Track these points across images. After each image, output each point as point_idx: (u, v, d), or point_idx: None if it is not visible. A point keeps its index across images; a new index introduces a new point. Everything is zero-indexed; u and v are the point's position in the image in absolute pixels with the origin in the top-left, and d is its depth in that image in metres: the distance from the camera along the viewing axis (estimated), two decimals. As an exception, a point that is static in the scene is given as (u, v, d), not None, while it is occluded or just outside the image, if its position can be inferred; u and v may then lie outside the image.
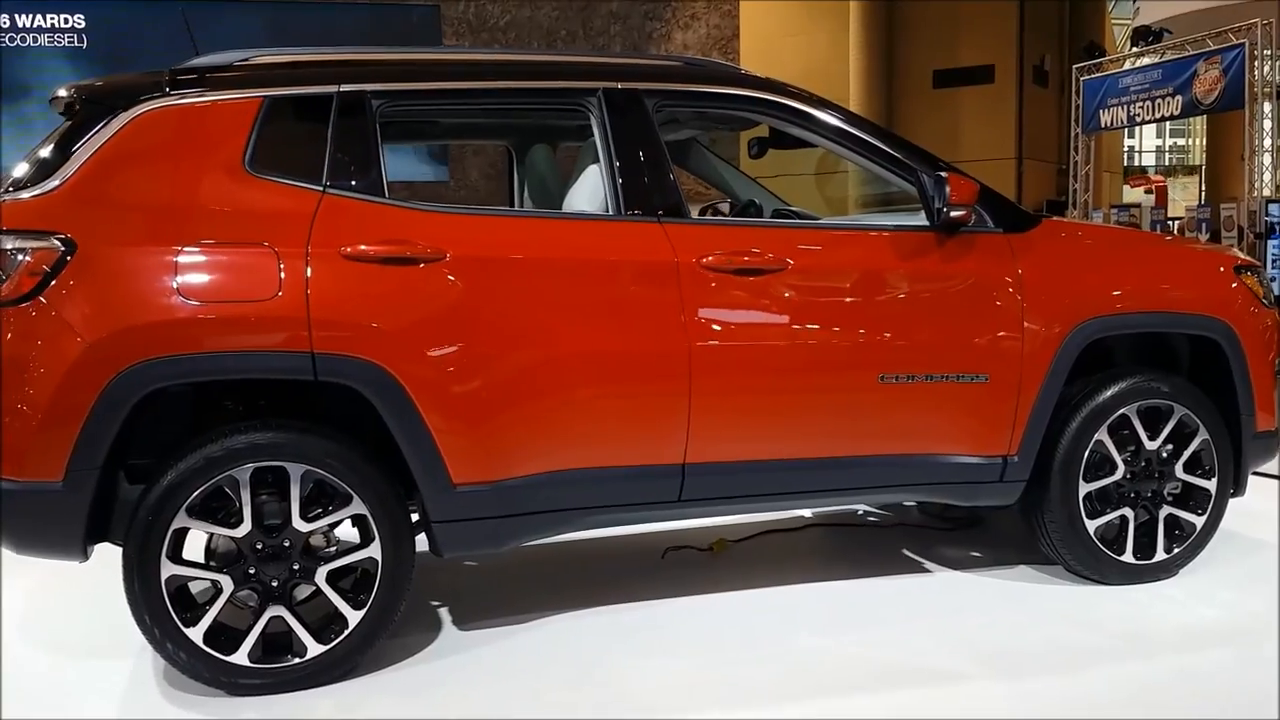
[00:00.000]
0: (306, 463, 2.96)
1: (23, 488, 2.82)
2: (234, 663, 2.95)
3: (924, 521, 4.67)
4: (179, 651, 2.92)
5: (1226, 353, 3.84)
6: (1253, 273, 4.05)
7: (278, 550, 2.98)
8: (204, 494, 2.90)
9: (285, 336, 2.91)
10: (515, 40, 14.25)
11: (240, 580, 2.96)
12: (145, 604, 2.88)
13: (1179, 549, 3.85)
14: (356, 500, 3.03)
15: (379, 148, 3.20)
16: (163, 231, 2.92)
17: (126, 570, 2.89)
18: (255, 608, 2.99)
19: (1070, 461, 3.69)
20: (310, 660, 3.02)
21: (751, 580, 3.96)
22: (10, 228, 2.85)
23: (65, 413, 2.79)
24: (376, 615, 3.09)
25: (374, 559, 3.07)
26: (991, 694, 3.05)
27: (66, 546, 2.92)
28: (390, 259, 3.06)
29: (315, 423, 3.08)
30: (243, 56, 3.29)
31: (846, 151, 3.68)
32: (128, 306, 2.83)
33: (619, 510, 3.39)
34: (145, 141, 3.01)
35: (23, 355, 2.80)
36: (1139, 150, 34.45)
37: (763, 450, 3.45)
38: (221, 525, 2.95)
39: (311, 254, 2.97)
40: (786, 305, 3.41)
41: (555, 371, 3.18)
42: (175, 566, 2.91)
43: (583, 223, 3.42)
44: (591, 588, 3.90)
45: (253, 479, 2.93)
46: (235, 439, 2.91)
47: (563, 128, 4.40)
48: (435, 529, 3.15)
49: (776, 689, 3.09)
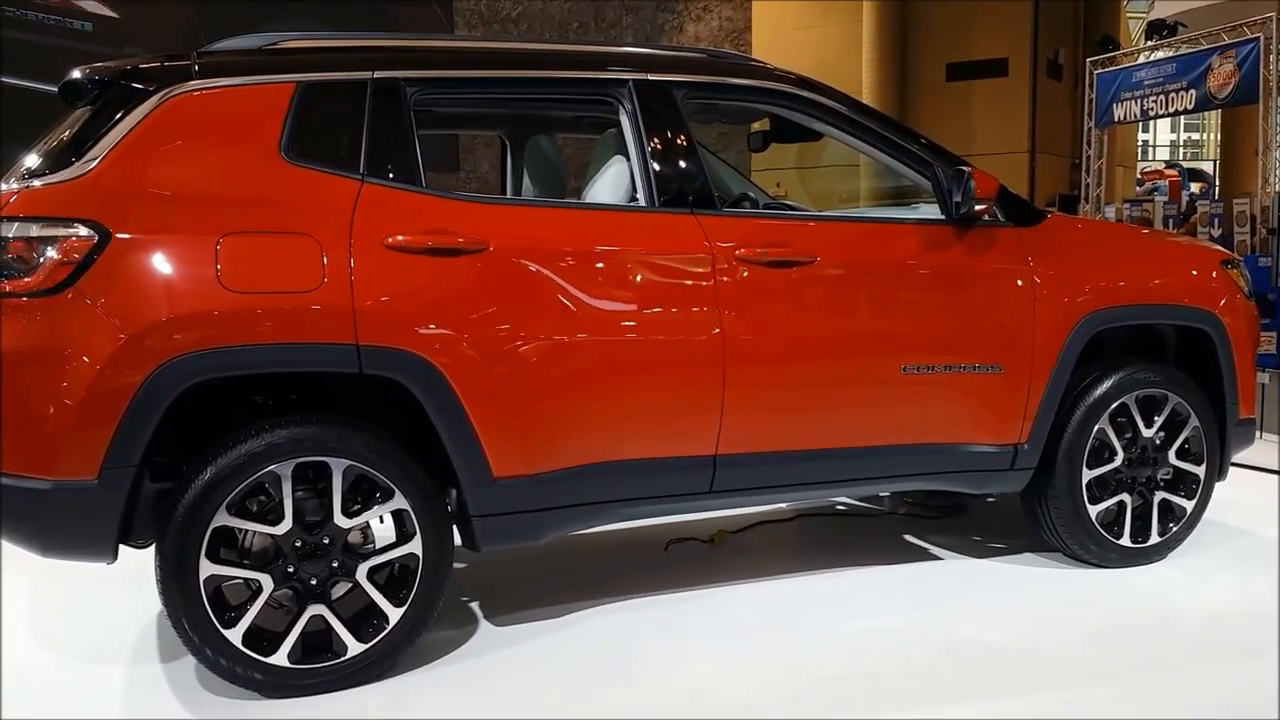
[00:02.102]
0: (350, 458, 2.89)
1: (55, 486, 2.69)
2: (274, 664, 2.88)
3: (911, 510, 4.78)
4: (218, 656, 2.83)
5: (1215, 343, 4.01)
6: (1234, 266, 4.21)
7: (318, 547, 2.91)
8: (244, 491, 2.81)
9: (330, 329, 2.83)
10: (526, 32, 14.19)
11: (280, 579, 2.88)
12: (184, 606, 2.79)
13: (1171, 532, 4.01)
14: (398, 495, 2.96)
15: (415, 136, 3.15)
16: (200, 219, 2.82)
17: (164, 571, 2.78)
18: (292, 607, 2.92)
19: (1075, 449, 3.81)
20: (351, 659, 2.96)
21: (766, 570, 4.00)
22: (38, 214, 2.73)
23: (101, 408, 2.68)
24: (417, 611, 3.03)
25: (415, 554, 3.01)
26: (1056, 669, 3.14)
27: (98, 547, 2.81)
28: (434, 250, 3.00)
29: (341, 417, 3.01)
30: (269, 41, 3.23)
31: (867, 147, 3.73)
32: (168, 297, 2.72)
33: (651, 502, 3.38)
34: (177, 126, 2.90)
35: (54, 348, 2.68)
36: (1153, 144, 34.33)
37: (790, 440, 3.48)
38: (261, 522, 2.87)
39: (354, 244, 2.90)
40: (816, 297, 3.45)
41: (594, 363, 3.17)
42: (214, 566, 2.81)
43: (619, 214, 3.40)
44: (606, 581, 3.90)
45: (293, 475, 2.86)
46: (277, 433, 2.82)
47: (564, 118, 4.40)
48: (475, 523, 3.10)
49: (847, 670, 3.13)
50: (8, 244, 2.71)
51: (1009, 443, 3.73)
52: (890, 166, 3.76)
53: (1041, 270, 3.71)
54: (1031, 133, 18.94)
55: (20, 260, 2.70)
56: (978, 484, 3.80)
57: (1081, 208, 14.78)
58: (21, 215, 2.73)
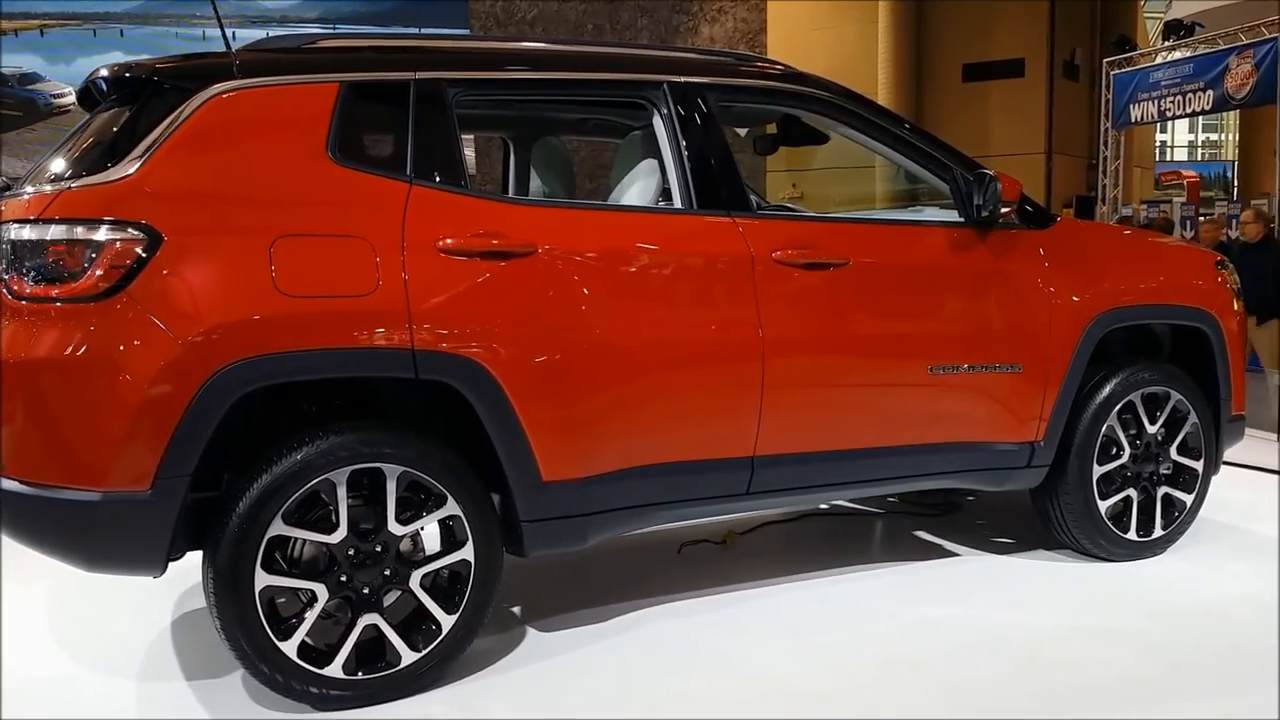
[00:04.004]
0: (405, 464, 2.85)
1: (105, 498, 2.61)
2: (329, 675, 2.82)
3: (908, 509, 4.84)
4: (275, 671, 2.77)
5: (1212, 342, 4.13)
6: (1225, 269, 4.34)
7: (370, 555, 2.86)
8: (299, 499, 2.75)
9: (387, 334, 2.78)
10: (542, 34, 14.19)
11: (335, 589, 2.82)
12: (239, 619, 2.72)
13: (1173, 526, 4.12)
14: (450, 501, 2.92)
15: (459, 137, 3.12)
16: (251, 221, 2.76)
17: (218, 583, 2.71)
18: (340, 617, 2.86)
19: (1086, 446, 3.89)
20: (405, 668, 2.91)
21: (788, 568, 4.01)
22: (83, 216, 2.64)
23: (155, 416, 2.60)
24: (469, 618, 2.99)
25: (467, 560, 2.97)
26: (1118, 650, 3.29)
27: (148, 560, 2.73)
28: (485, 253, 2.97)
29: (391, 423, 2.97)
30: (306, 39, 3.20)
31: (889, 151, 3.80)
32: (224, 301, 2.66)
33: (690, 505, 3.38)
34: (221, 126, 2.83)
35: (104, 354, 2.59)
36: (1171, 145, 34.22)
37: (824, 441, 3.51)
38: (316, 530, 2.81)
39: (407, 247, 2.86)
40: (848, 299, 3.48)
41: (639, 365, 3.16)
42: (270, 577, 2.75)
43: (661, 216, 3.41)
44: (632, 583, 3.90)
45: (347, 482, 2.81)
46: (333, 440, 2.77)
47: (573, 120, 4.40)
48: (525, 528, 3.06)
49: (921, 655, 3.21)
50: (47, 247, 2.63)
51: (1027, 440, 3.80)
52: (910, 170, 3.83)
53: (1056, 272, 3.80)
54: (1048, 133, 18.90)
55: (64, 264, 2.62)
56: (998, 481, 3.85)
57: (1099, 209, 14.73)
58: (65, 217, 2.64)
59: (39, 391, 2.63)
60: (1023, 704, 2.91)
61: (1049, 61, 18.80)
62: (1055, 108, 18.99)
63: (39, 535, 2.73)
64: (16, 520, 2.72)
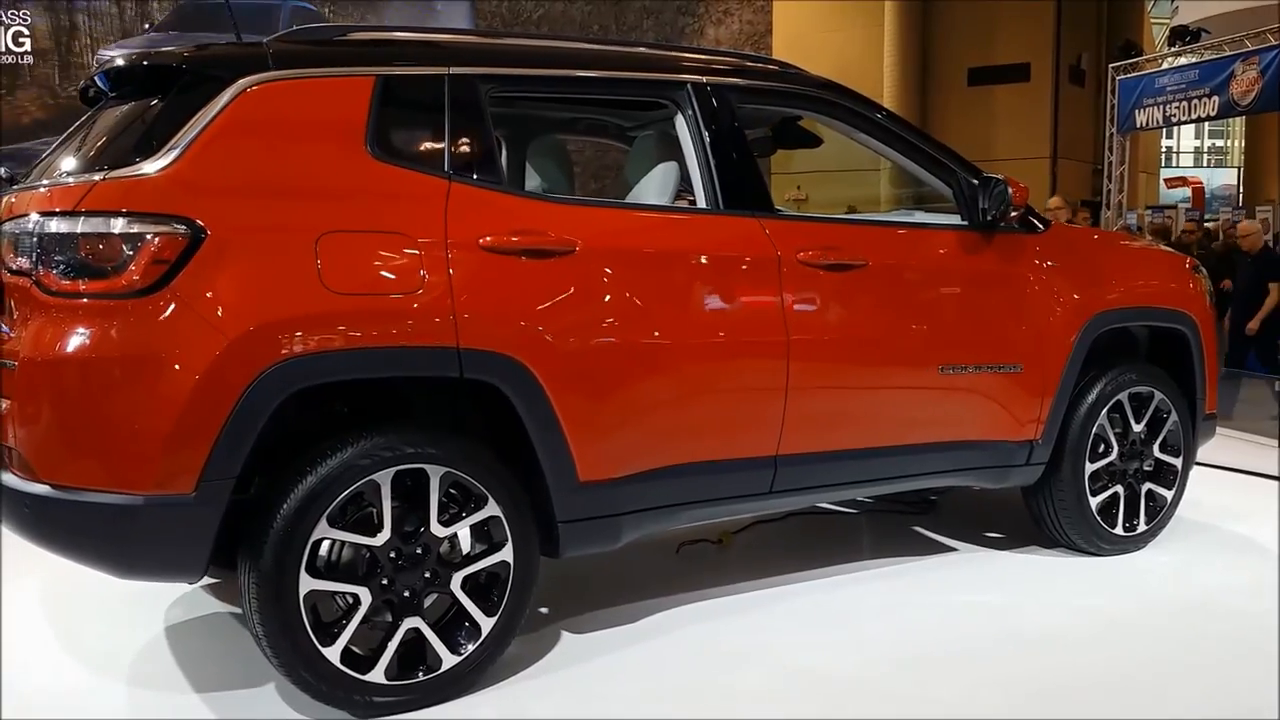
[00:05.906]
0: (448, 465, 2.80)
1: (147, 501, 2.53)
2: (371, 681, 2.76)
3: (886, 508, 4.87)
4: (318, 679, 2.70)
5: (1190, 343, 4.26)
6: (1199, 272, 4.49)
7: (412, 558, 2.81)
8: (344, 501, 2.69)
9: (434, 332, 2.74)
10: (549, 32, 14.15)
11: (378, 592, 2.76)
12: (282, 625, 2.64)
13: (1156, 520, 4.25)
14: (491, 502, 2.88)
15: (494, 133, 3.10)
16: (294, 217, 2.70)
17: (261, 588, 2.63)
18: (379, 621, 2.80)
19: (1080, 443, 3.99)
20: (445, 672, 2.86)
21: (793, 566, 4.01)
22: (122, 209, 2.55)
23: (201, 416, 2.52)
24: (507, 621, 2.96)
25: (506, 562, 2.93)
26: (1136, 642, 3.41)
27: (190, 566, 2.66)
28: (527, 251, 2.93)
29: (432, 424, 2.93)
30: (337, 32, 3.17)
31: (896, 154, 3.88)
32: (271, 298, 2.59)
33: (715, 504, 3.40)
34: (259, 118, 2.75)
35: (147, 352, 2.51)
36: (1177, 151, 34.29)
37: (844, 440, 3.56)
38: (359, 533, 2.76)
39: (450, 245, 2.82)
40: (868, 299, 3.54)
41: (673, 364, 3.17)
42: (314, 581, 2.68)
43: (693, 217, 3.44)
44: (647, 583, 3.85)
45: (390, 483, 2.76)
46: (378, 440, 2.72)
47: (572, 120, 4.39)
48: (561, 528, 3.03)
49: (953, 647, 3.28)
50: (84, 241, 2.54)
51: (1027, 439, 3.88)
52: (916, 174, 3.88)
53: (1054, 274, 3.90)
54: (1053, 138, 18.92)
55: (103, 258, 2.53)
56: (999, 479, 3.94)
57: (1104, 214, 14.72)
58: (102, 210, 2.55)
59: (78, 391, 2.56)
60: (1054, 700, 2.95)
61: (1054, 66, 18.82)
62: (1060, 112, 19.02)
63: (73, 541, 2.66)
64: (47, 526, 2.65)
